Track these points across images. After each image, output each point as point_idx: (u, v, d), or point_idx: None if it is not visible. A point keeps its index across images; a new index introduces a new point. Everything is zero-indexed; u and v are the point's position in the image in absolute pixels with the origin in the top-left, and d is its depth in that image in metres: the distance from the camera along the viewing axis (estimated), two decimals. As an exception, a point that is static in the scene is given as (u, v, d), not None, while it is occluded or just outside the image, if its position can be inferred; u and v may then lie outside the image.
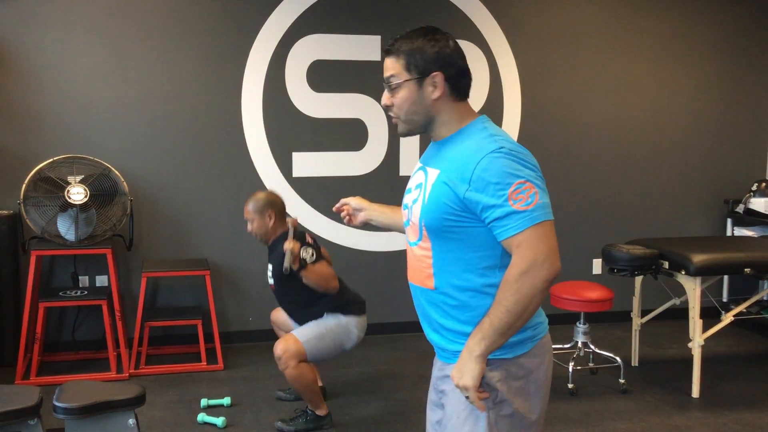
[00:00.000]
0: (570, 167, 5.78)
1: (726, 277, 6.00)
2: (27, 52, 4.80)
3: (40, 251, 4.56)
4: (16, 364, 4.62)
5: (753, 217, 5.78)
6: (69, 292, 4.71)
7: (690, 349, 4.40)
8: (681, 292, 4.61)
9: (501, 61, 5.57)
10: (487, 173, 1.80)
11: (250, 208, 3.96)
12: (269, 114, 5.22)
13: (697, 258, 4.27)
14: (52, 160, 4.63)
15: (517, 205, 1.78)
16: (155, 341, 5.03)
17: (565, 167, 5.76)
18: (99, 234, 4.62)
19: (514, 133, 5.61)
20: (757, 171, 6.17)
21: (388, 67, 1.95)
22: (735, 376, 4.79)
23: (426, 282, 1.99)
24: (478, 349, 1.82)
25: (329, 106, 5.32)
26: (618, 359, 4.58)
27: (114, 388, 3.06)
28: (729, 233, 6.03)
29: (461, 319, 1.94)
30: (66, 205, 4.50)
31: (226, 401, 4.20)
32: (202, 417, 3.98)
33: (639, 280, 4.79)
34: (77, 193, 4.52)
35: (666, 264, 4.44)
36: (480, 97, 5.53)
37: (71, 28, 4.84)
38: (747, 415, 4.14)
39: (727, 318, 4.52)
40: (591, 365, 4.79)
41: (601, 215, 5.90)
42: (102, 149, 4.91)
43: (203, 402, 4.18)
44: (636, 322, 4.89)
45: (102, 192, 4.60)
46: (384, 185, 5.40)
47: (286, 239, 3.55)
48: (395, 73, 1.93)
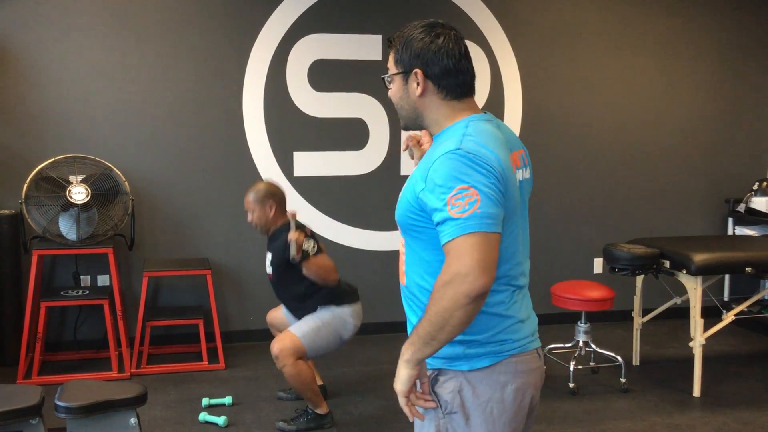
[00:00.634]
0: (571, 166, 5.78)
1: (727, 277, 6.00)
2: (28, 51, 4.80)
3: (41, 251, 4.57)
4: (17, 363, 4.62)
5: (754, 217, 5.77)
6: (70, 291, 4.72)
7: (691, 349, 4.40)
8: (682, 291, 4.61)
9: (502, 60, 5.57)
10: (436, 174, 1.72)
11: (250, 198, 3.95)
12: (270, 113, 5.22)
13: (698, 257, 4.27)
14: (53, 159, 4.64)
15: (453, 212, 1.66)
16: (157, 340, 5.03)
17: (566, 166, 5.76)
18: (100, 233, 4.63)
19: (514, 132, 5.60)
20: (758, 170, 6.16)
21: (388, 59, 1.95)
22: (736, 375, 4.79)
23: (402, 278, 1.96)
24: (406, 354, 1.76)
25: (330, 105, 5.32)
26: (619, 358, 4.58)
27: (115, 387, 3.06)
28: (730, 232, 6.02)
29: None
30: (67, 205, 4.50)
31: (227, 400, 4.21)
32: (203, 416, 3.98)
33: (640, 279, 4.79)
34: (79, 193, 4.52)
35: (667, 263, 4.44)
36: (481, 96, 5.52)
37: (72, 27, 4.84)
38: (748, 415, 4.14)
39: (728, 317, 4.52)
40: (592, 364, 4.79)
41: (602, 214, 5.90)
42: (103, 149, 4.92)
43: (205, 401, 4.18)
44: (637, 321, 4.88)
45: (103, 191, 4.61)
46: (385, 185, 5.41)
47: (287, 230, 3.56)
48: (388, 66, 1.93)
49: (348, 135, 5.37)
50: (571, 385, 4.44)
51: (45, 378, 4.47)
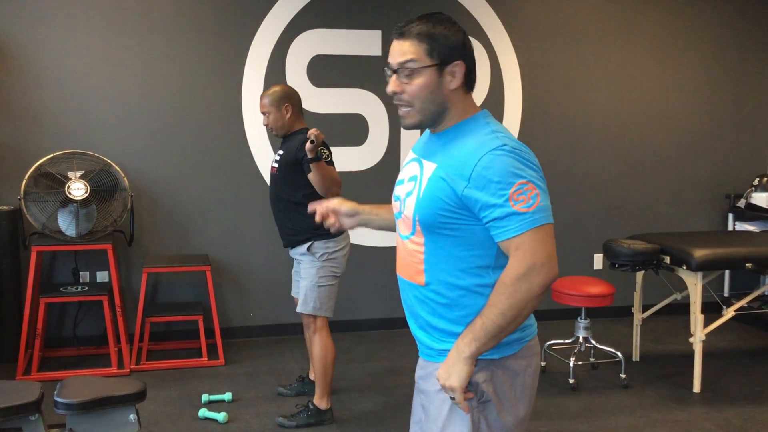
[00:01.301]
0: (571, 162, 5.77)
1: (727, 272, 6.00)
2: (27, 47, 4.79)
3: (40, 247, 4.56)
4: (17, 359, 4.62)
5: (754, 212, 5.77)
6: (70, 287, 4.71)
7: (691, 344, 4.40)
8: (682, 287, 4.61)
9: (502, 56, 5.56)
10: (489, 171, 1.74)
11: (265, 101, 3.85)
12: (270, 109, 5.20)
13: (699, 253, 4.26)
14: (52, 155, 4.63)
15: (518, 207, 1.72)
16: (156, 337, 5.03)
17: (567, 162, 5.75)
18: (99, 230, 4.62)
19: (515, 128, 5.61)
20: (759, 166, 6.16)
21: (403, 51, 1.83)
22: (736, 371, 4.79)
23: (416, 277, 1.93)
24: (467, 351, 1.78)
25: (330, 101, 5.31)
26: (619, 354, 4.58)
27: (115, 383, 3.06)
28: (730, 228, 6.02)
29: (450, 318, 1.89)
30: (66, 201, 4.49)
31: (227, 396, 4.20)
32: (203, 412, 3.98)
33: (640, 275, 4.79)
34: (78, 189, 4.51)
35: (667, 259, 4.44)
36: (481, 93, 5.51)
37: (71, 23, 4.83)
38: (748, 410, 4.14)
39: (729, 313, 4.52)
40: (592, 360, 4.78)
41: (603, 210, 5.89)
42: (102, 145, 4.91)
43: (204, 397, 4.18)
44: (637, 317, 4.88)
45: (102, 187, 4.60)
46: (384, 180, 5.39)
47: (304, 133, 3.55)
48: (415, 58, 1.82)
49: (347, 131, 5.36)
50: (571, 381, 4.44)
51: (44, 374, 4.47)
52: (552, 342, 4.81)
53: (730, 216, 6.04)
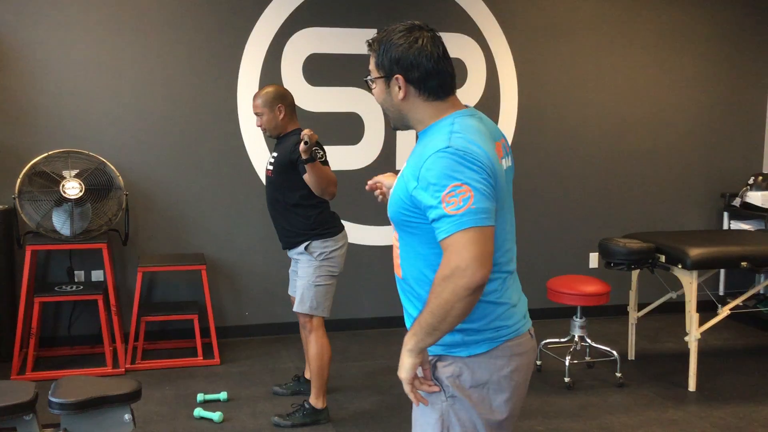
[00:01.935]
0: (567, 160, 5.77)
1: (722, 271, 6.01)
2: (22, 46, 4.77)
3: (35, 246, 4.55)
4: (11, 359, 4.60)
5: (750, 211, 5.78)
6: (64, 287, 4.70)
7: (686, 343, 4.41)
8: (677, 285, 4.62)
9: (498, 55, 5.56)
10: (429, 173, 1.78)
11: (258, 102, 3.83)
12: (265, 108, 5.19)
13: (694, 252, 4.27)
14: (47, 154, 4.62)
15: (448, 209, 1.74)
16: (151, 336, 5.02)
17: (562, 161, 5.75)
18: (94, 229, 4.61)
19: (510, 127, 5.59)
20: (754, 164, 6.17)
21: (370, 62, 1.98)
22: (731, 369, 4.80)
23: (398, 271, 2.02)
24: (409, 344, 1.82)
25: (326, 99, 5.30)
26: (614, 353, 4.59)
27: (110, 383, 3.05)
28: (726, 227, 6.03)
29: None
30: (61, 200, 4.48)
31: (222, 396, 4.20)
32: (198, 412, 3.97)
33: (636, 273, 4.79)
34: (72, 188, 4.50)
35: (663, 258, 4.44)
36: (477, 91, 5.52)
37: (66, 22, 4.81)
38: (743, 409, 4.15)
39: (724, 312, 4.53)
40: (587, 359, 4.79)
41: (598, 209, 5.90)
42: (97, 143, 4.90)
43: (200, 397, 4.17)
44: (632, 315, 4.89)
45: (97, 186, 4.59)
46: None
47: (298, 134, 3.54)
48: (370, 69, 1.97)
49: (343, 129, 5.36)
50: (567, 380, 4.44)
51: (39, 374, 4.45)
52: (547, 341, 4.81)
53: (725, 215, 6.05)
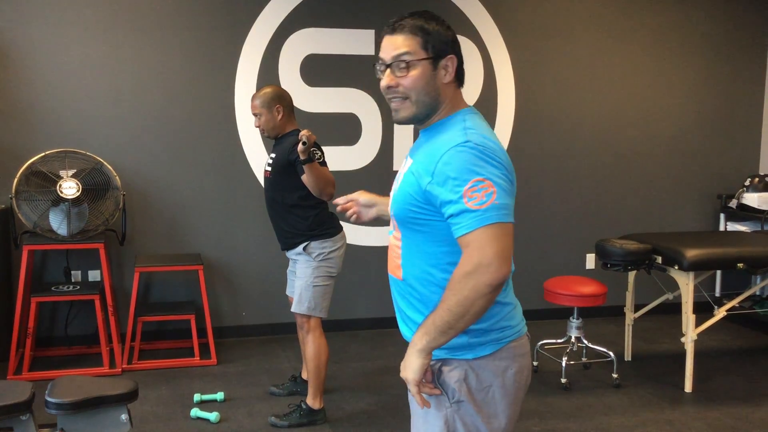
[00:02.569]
0: (563, 161, 5.78)
1: (719, 272, 6.02)
2: (19, 45, 4.77)
3: (32, 246, 4.54)
4: (8, 359, 4.60)
5: (746, 212, 5.79)
6: (61, 286, 4.70)
7: (683, 344, 4.41)
8: (674, 287, 4.62)
9: (495, 56, 5.56)
10: (448, 167, 1.75)
11: (257, 102, 3.83)
12: (263, 108, 5.19)
13: (690, 253, 4.28)
14: (44, 154, 4.61)
15: (471, 204, 1.71)
16: (148, 336, 5.02)
17: (559, 161, 5.76)
18: (91, 228, 4.61)
19: (507, 128, 5.61)
20: (750, 166, 6.18)
21: (398, 45, 1.85)
22: (728, 370, 4.81)
23: (396, 272, 1.96)
24: (419, 344, 1.78)
25: (323, 100, 5.30)
26: (611, 354, 4.59)
27: (106, 383, 3.05)
28: (722, 228, 6.04)
29: (424, 313, 1.89)
30: (58, 200, 4.48)
31: (219, 396, 4.19)
32: (195, 412, 3.97)
33: (632, 275, 4.80)
34: (69, 188, 4.49)
35: (659, 259, 4.45)
36: (474, 92, 5.52)
37: (63, 21, 4.81)
38: (739, 410, 4.16)
39: (720, 313, 4.54)
40: (584, 360, 4.79)
41: (595, 210, 5.91)
42: (94, 143, 4.89)
43: (196, 397, 4.17)
44: (629, 316, 4.89)
45: (94, 186, 4.58)
46: (378, 180, 5.39)
47: (296, 134, 3.54)
48: (410, 51, 1.84)
49: (341, 130, 5.36)
50: (563, 381, 4.44)
51: (35, 374, 4.45)
52: (544, 342, 4.82)
53: (721, 216, 6.06)
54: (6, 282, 4.75)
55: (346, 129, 5.37)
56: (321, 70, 5.27)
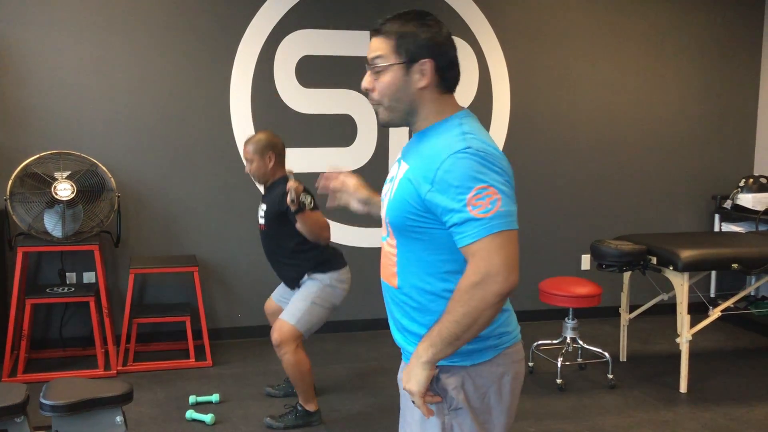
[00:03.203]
0: (558, 163, 5.78)
1: (713, 273, 6.03)
2: (13, 46, 4.76)
3: (26, 248, 4.53)
4: (2, 361, 4.59)
5: (740, 213, 5.80)
6: (56, 288, 4.69)
7: (678, 345, 4.42)
8: (669, 287, 4.63)
9: (490, 58, 5.57)
10: (450, 175, 1.69)
11: (249, 148, 3.85)
12: (258, 110, 5.20)
13: (685, 254, 4.29)
14: (38, 155, 4.60)
15: (476, 212, 1.66)
16: (143, 338, 5.01)
17: (554, 163, 5.77)
18: (86, 230, 4.60)
19: (503, 130, 5.61)
20: (745, 167, 6.20)
21: (374, 48, 1.82)
22: (722, 371, 4.82)
23: (391, 280, 1.92)
24: (425, 356, 1.74)
25: (318, 101, 5.30)
26: (606, 354, 4.60)
27: (101, 385, 3.04)
28: (717, 229, 6.05)
29: (421, 322, 1.86)
30: (53, 201, 4.47)
31: (214, 398, 4.19)
32: (190, 414, 3.96)
33: (627, 275, 4.81)
34: (64, 189, 4.49)
35: (654, 260, 4.46)
36: (469, 94, 5.53)
37: (58, 22, 4.80)
38: (734, 410, 4.17)
39: (715, 313, 4.55)
40: (579, 360, 4.80)
41: (590, 211, 5.91)
42: (89, 145, 4.88)
43: (192, 399, 4.16)
44: (624, 317, 4.90)
45: (89, 188, 4.58)
46: (373, 181, 5.36)
47: (284, 182, 3.53)
48: (382, 54, 1.81)
49: (336, 131, 5.36)
50: (559, 381, 4.45)
51: (30, 376, 4.44)
52: (539, 342, 4.82)
53: (716, 217, 6.07)
54: (0, 284, 4.74)
55: (341, 130, 5.37)
56: (316, 71, 5.27)
